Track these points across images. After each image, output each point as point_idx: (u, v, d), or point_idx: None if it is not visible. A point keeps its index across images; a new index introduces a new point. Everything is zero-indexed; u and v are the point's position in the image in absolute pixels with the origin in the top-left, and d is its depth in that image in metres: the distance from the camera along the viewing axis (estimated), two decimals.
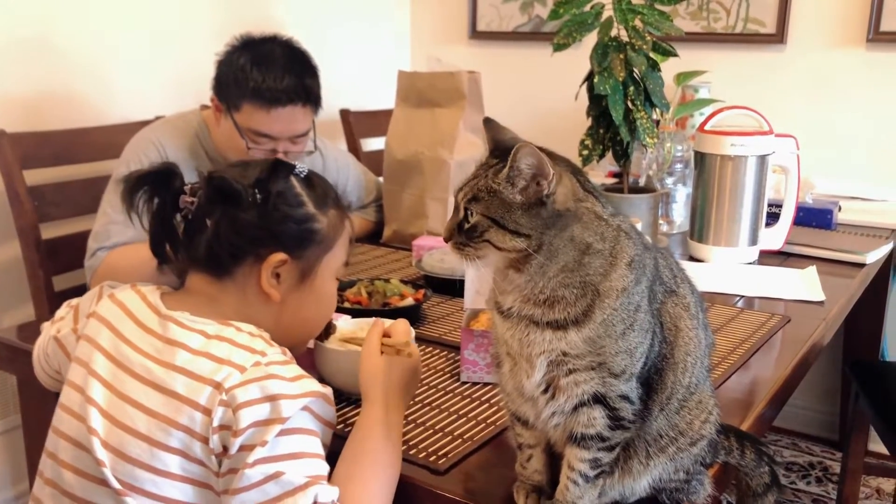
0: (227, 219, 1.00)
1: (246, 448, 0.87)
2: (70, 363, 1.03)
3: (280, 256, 1.01)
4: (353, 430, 1.01)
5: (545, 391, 0.88)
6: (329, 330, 1.20)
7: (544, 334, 0.84)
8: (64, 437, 0.98)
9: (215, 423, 0.88)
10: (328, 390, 0.95)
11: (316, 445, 0.92)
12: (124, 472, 0.92)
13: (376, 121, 2.66)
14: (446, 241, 0.87)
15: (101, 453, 0.93)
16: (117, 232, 1.61)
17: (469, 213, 0.84)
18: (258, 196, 1.00)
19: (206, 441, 0.89)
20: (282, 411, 0.88)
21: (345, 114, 2.68)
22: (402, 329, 1.13)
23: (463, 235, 0.85)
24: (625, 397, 0.86)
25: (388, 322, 1.15)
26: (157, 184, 1.02)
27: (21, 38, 2.00)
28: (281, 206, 1.02)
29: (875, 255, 1.93)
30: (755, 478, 1.07)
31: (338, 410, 1.15)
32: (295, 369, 0.94)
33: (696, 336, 0.93)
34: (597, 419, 0.87)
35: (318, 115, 1.74)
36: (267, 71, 1.61)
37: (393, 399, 1.04)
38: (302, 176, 1.06)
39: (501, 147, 0.88)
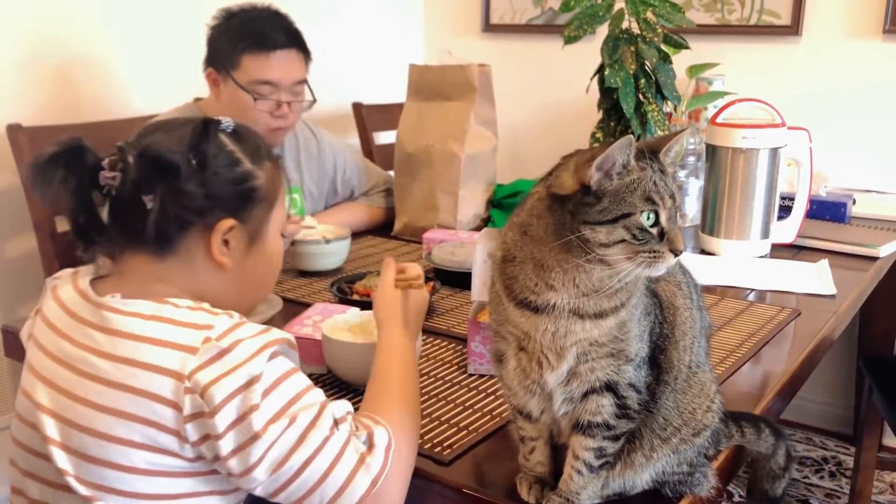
0: (171, 194, 0.92)
1: (239, 421, 0.84)
2: (24, 368, 0.98)
3: (229, 223, 0.96)
4: (378, 358, 1.06)
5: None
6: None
7: (584, 324, 0.84)
8: (21, 445, 0.95)
9: (186, 413, 0.85)
10: (289, 335, 0.92)
11: (302, 379, 0.90)
12: (90, 473, 0.88)
13: (389, 114, 2.67)
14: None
15: (63, 461, 0.89)
16: None
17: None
18: (194, 162, 0.93)
19: (177, 434, 0.86)
20: (252, 372, 0.85)
21: (357, 107, 2.68)
22: (414, 267, 1.20)
23: None
24: (632, 385, 0.88)
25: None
26: (69, 162, 0.93)
27: (37, 34, 2.02)
28: (219, 168, 0.95)
29: (889, 249, 1.91)
30: (761, 444, 1.08)
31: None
32: (245, 329, 0.89)
33: (692, 315, 0.95)
34: (604, 406, 0.87)
35: (331, 108, 1.77)
36: (259, 25, 1.76)
37: (411, 326, 1.13)
38: (230, 131, 0.99)
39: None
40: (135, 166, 0.92)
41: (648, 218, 0.81)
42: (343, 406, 0.91)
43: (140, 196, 0.92)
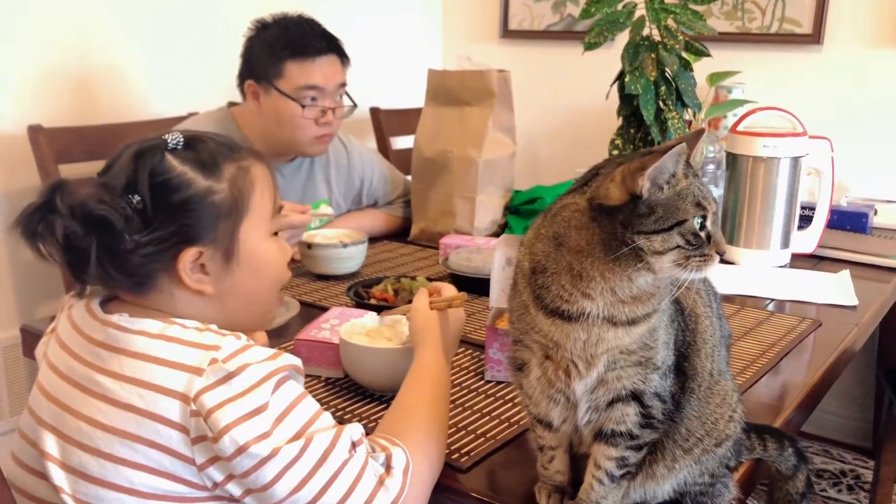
0: (106, 249, 0.86)
1: (245, 448, 0.81)
2: (34, 386, 0.96)
3: (190, 253, 0.89)
4: (409, 376, 1.05)
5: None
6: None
7: (616, 331, 0.84)
8: (19, 462, 0.94)
9: (193, 435, 0.83)
10: (297, 361, 0.89)
11: (314, 403, 0.88)
12: (87, 493, 0.86)
13: (406, 119, 2.67)
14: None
15: (59, 478, 0.87)
16: None
17: None
18: (136, 201, 0.86)
19: (183, 457, 0.84)
20: (259, 400, 0.83)
21: (375, 112, 2.69)
22: (449, 288, 1.20)
23: None
24: (658, 395, 0.87)
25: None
26: (51, 209, 0.87)
27: (58, 39, 2.04)
28: (166, 197, 0.87)
29: None
30: (783, 462, 1.06)
31: (361, 407, 1.17)
32: (253, 354, 0.86)
33: (712, 324, 0.94)
34: (629, 415, 0.87)
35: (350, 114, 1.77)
36: (297, 33, 1.78)
37: (449, 346, 1.12)
38: (180, 147, 0.90)
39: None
40: (74, 222, 0.86)
41: (698, 223, 0.81)
42: (357, 429, 0.90)
43: (88, 248, 0.86)
